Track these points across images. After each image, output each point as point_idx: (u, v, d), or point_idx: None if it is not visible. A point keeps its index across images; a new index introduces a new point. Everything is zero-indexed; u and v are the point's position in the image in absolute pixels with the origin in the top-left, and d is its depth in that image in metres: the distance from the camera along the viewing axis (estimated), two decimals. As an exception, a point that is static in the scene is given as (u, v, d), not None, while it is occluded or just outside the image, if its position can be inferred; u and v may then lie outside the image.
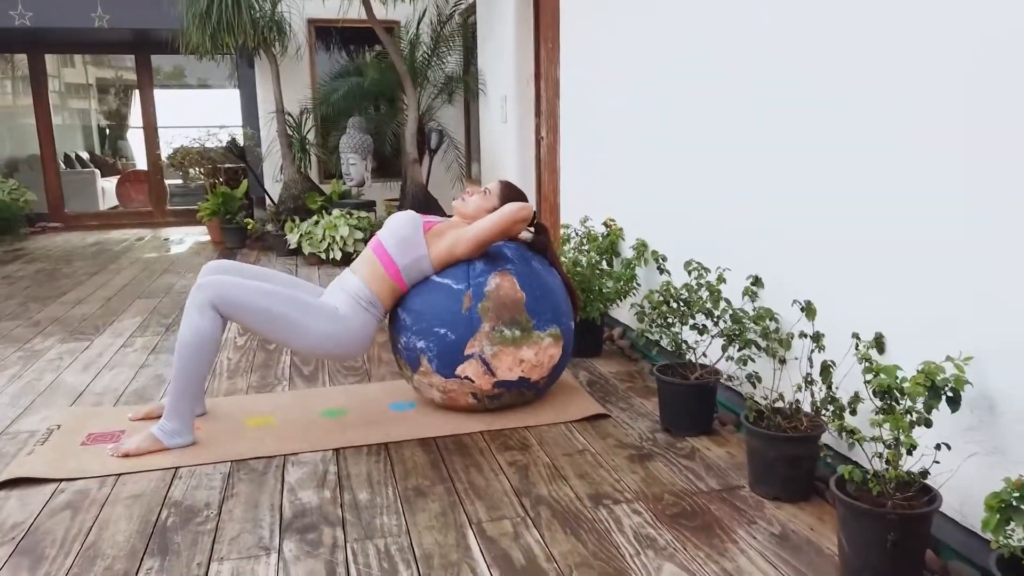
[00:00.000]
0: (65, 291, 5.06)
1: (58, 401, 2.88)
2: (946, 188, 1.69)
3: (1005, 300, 1.56)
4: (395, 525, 1.90)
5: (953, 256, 1.68)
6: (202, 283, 2.35)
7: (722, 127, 2.58)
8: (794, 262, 2.24)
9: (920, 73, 1.75)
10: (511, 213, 2.51)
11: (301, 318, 2.39)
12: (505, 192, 2.68)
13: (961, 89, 1.65)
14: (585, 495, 2.04)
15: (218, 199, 6.81)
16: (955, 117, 1.66)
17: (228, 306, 2.33)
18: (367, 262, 2.55)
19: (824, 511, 1.93)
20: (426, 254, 2.51)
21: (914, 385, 1.54)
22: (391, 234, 2.54)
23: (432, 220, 2.60)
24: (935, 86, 1.71)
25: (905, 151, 1.81)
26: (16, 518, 1.99)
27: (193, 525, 1.93)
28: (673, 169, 2.97)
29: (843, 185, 2.01)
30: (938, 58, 1.71)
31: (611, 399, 2.78)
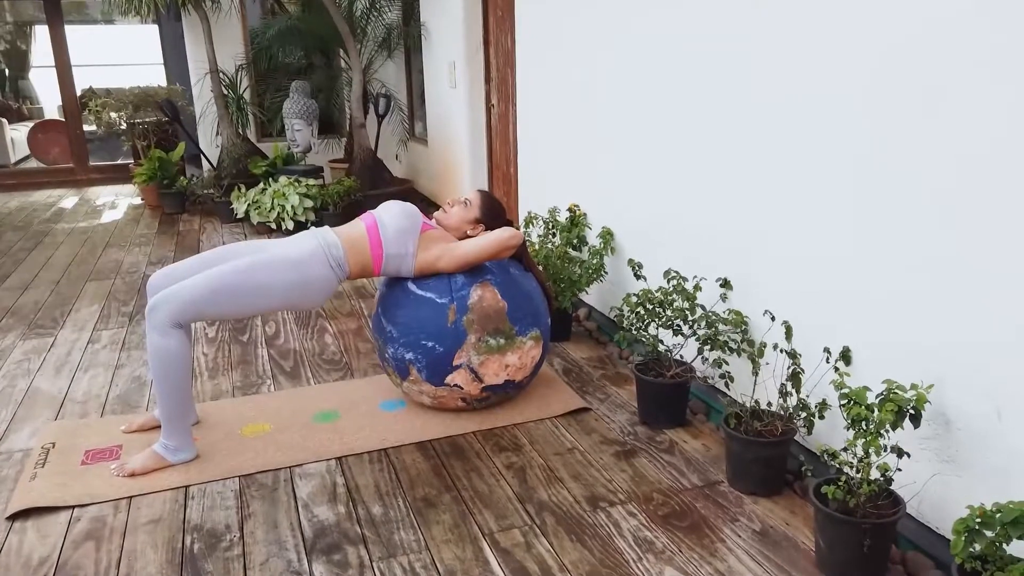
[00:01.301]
0: (6, 273, 4.90)
1: (40, 412, 2.88)
2: (921, 209, 1.88)
3: (962, 326, 1.78)
4: (414, 541, 2.06)
5: (917, 272, 1.89)
6: (152, 307, 2.33)
7: (692, 111, 2.71)
8: (761, 261, 2.43)
9: (896, 87, 1.92)
10: (503, 240, 2.60)
11: (260, 278, 2.38)
12: (486, 203, 2.77)
13: (943, 113, 1.82)
14: (583, 498, 2.24)
15: (154, 164, 6.58)
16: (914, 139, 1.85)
17: (186, 313, 2.33)
18: (354, 233, 2.57)
19: (794, 504, 2.18)
20: (413, 254, 2.59)
21: (884, 413, 1.76)
22: (390, 220, 2.58)
23: (430, 224, 2.66)
24: (912, 103, 1.89)
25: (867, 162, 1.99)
26: (40, 552, 2.05)
27: (220, 551, 2.03)
28: (639, 154, 3.10)
29: (811, 187, 2.19)
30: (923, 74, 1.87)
31: (588, 389, 2.97)
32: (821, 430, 2.20)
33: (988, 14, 1.64)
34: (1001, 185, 1.65)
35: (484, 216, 2.76)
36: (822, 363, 2.15)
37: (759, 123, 2.38)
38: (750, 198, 2.45)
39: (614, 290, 3.43)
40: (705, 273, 2.65)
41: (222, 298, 2.36)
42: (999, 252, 1.67)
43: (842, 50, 2.03)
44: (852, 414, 1.80)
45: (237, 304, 2.42)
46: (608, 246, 3.34)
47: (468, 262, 2.59)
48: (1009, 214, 1.64)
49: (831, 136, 2.10)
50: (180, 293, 2.33)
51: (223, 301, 2.37)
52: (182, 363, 2.35)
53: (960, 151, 1.74)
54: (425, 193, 6.59)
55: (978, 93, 1.68)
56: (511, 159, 5.09)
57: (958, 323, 1.79)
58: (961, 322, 1.78)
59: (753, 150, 2.41)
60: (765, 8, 2.29)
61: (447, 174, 5.97)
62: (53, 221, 6.55)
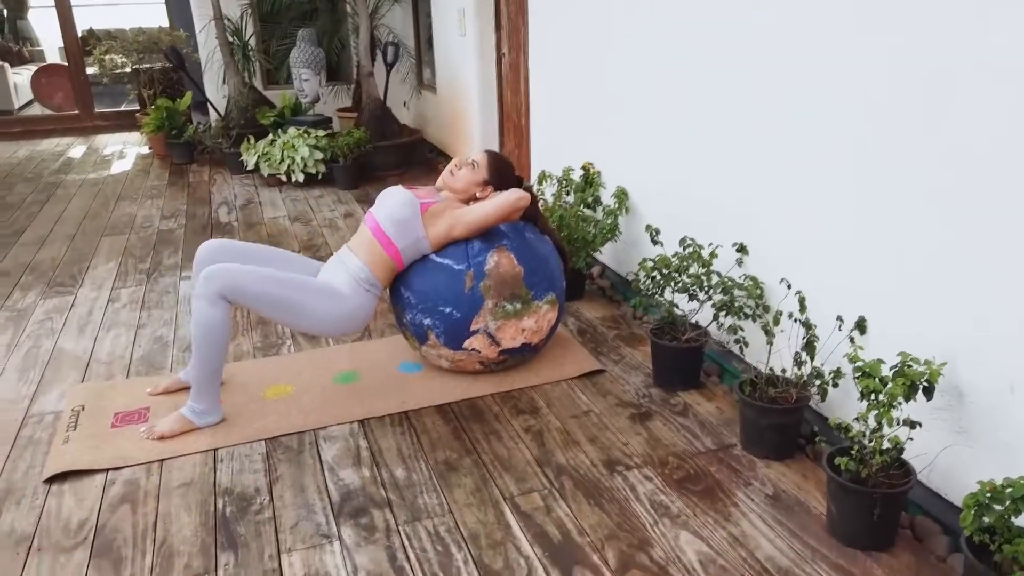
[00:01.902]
0: (21, 228, 4.93)
1: (67, 374, 2.94)
2: (943, 179, 1.89)
3: (981, 300, 1.81)
4: (437, 504, 2.13)
5: (930, 243, 1.91)
6: (210, 273, 2.39)
7: (711, 71, 2.67)
8: (778, 227, 2.44)
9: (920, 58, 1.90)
10: (511, 203, 2.60)
11: (305, 301, 2.48)
12: (493, 163, 2.76)
13: (963, 82, 1.81)
14: (600, 462, 2.30)
15: (161, 113, 6.53)
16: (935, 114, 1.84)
17: (236, 294, 2.41)
18: (366, 243, 2.62)
19: (806, 467, 2.24)
20: (424, 236, 2.61)
21: (897, 387, 1.79)
22: (387, 216, 2.60)
23: (428, 200, 2.65)
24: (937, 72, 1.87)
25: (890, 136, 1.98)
26: (79, 515, 2.13)
27: (251, 514, 2.12)
28: (656, 113, 3.07)
29: (833, 153, 2.19)
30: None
31: (602, 350, 3.02)
32: (835, 397, 2.24)
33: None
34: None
35: (492, 177, 2.75)
36: (837, 330, 2.18)
37: (779, 85, 2.35)
38: (768, 161, 2.45)
39: (628, 249, 3.44)
40: (721, 236, 2.66)
41: (270, 304, 2.45)
42: (1021, 227, 1.68)
43: (868, 12, 2.00)
44: (865, 387, 1.84)
45: (281, 315, 2.50)
46: (623, 206, 3.34)
47: (479, 227, 2.61)
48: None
49: (852, 101, 2.08)
50: (239, 276, 2.39)
51: (270, 307, 2.45)
52: (223, 334, 2.41)
53: (982, 118, 1.73)
54: (434, 142, 6.54)
55: (1002, 59, 1.66)
56: (522, 111, 5.04)
57: (976, 297, 1.81)
58: (979, 296, 1.80)
59: (773, 113, 2.39)
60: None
61: (456, 123, 5.91)
62: (63, 172, 6.54)
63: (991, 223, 1.74)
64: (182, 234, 4.69)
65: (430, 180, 5.88)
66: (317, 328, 2.58)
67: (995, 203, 1.73)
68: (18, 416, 2.65)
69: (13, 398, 2.78)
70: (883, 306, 2.08)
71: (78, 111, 9.02)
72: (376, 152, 5.72)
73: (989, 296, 1.77)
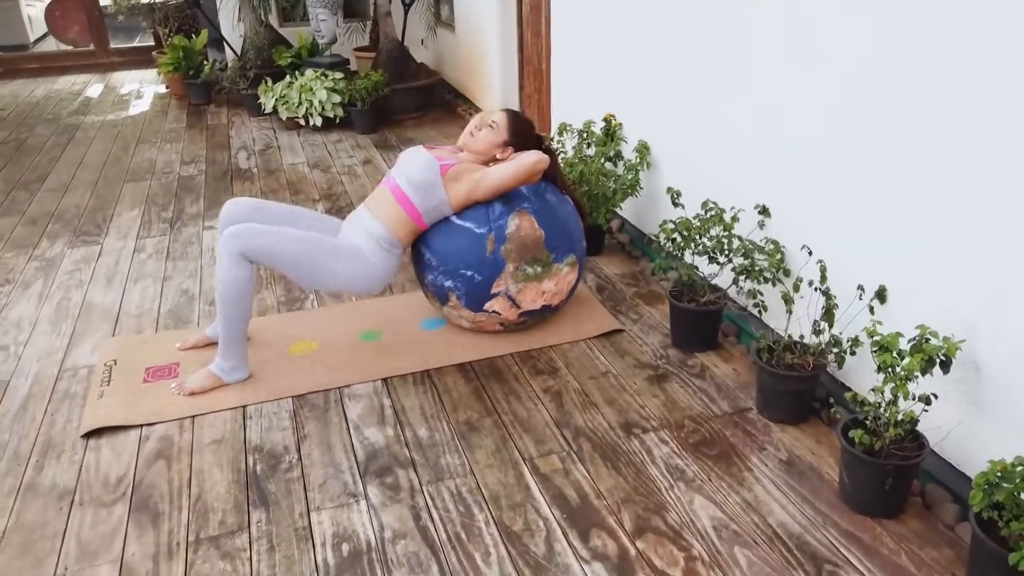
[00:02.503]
0: (44, 172, 4.97)
1: (98, 326, 3.02)
2: (970, 148, 1.87)
3: (1003, 274, 1.81)
4: (459, 465, 2.20)
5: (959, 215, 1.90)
6: (234, 232, 2.42)
7: (738, 22, 2.61)
8: (801, 189, 2.43)
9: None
10: (529, 165, 2.59)
11: (327, 261, 2.52)
12: (512, 123, 2.73)
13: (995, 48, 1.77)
14: (617, 424, 2.36)
15: (177, 53, 6.46)
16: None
17: (260, 254, 2.45)
18: (386, 204, 2.63)
19: (820, 432, 2.29)
20: (445, 199, 2.61)
21: (914, 362, 1.82)
22: (409, 180, 2.60)
23: (447, 161, 2.64)
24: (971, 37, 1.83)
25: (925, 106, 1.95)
26: (117, 470, 2.23)
27: (281, 472, 2.20)
28: (680, 67, 3.01)
29: (859, 113, 2.16)
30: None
31: (621, 308, 3.04)
32: (852, 363, 2.27)
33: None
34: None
35: (512, 138, 2.73)
36: (858, 297, 2.19)
37: (812, 40, 2.28)
38: (796, 121, 2.41)
39: (648, 204, 3.43)
40: (743, 196, 2.65)
41: (293, 264, 2.49)
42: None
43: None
44: (883, 361, 1.86)
45: (303, 274, 2.53)
46: (644, 161, 3.32)
47: (499, 190, 2.61)
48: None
49: (887, 61, 2.04)
50: (262, 235, 2.43)
51: (293, 267, 2.50)
52: (248, 292, 2.46)
53: (1016, 86, 1.70)
54: (452, 83, 6.45)
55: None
56: (543, 55, 4.94)
57: (998, 270, 1.81)
58: (1002, 270, 1.80)
59: (802, 70, 2.34)
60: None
61: (475, 65, 5.82)
62: (81, 113, 6.53)
63: (1019, 197, 1.73)
64: (203, 181, 4.71)
65: (449, 122, 5.85)
66: (339, 287, 2.62)
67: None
68: (54, 369, 2.74)
69: (48, 350, 2.87)
70: (905, 275, 2.08)
71: (93, 47, 8.94)
72: (394, 95, 5.66)
73: (1012, 270, 1.77)
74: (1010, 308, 1.79)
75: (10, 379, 2.69)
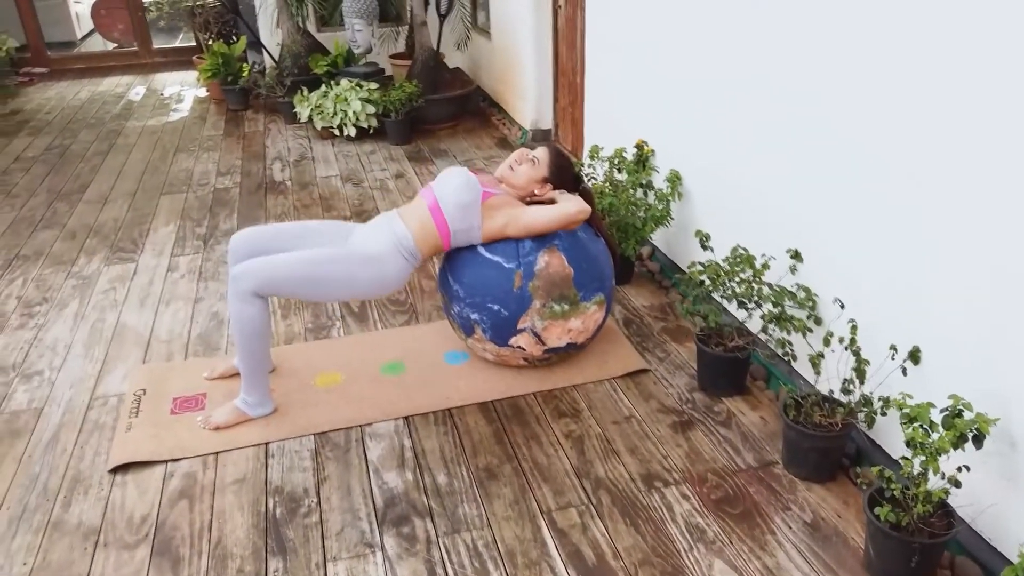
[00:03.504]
0: (85, 182, 5.07)
1: (130, 352, 3.07)
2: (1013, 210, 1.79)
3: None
4: (476, 516, 2.19)
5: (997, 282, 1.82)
6: (237, 275, 2.41)
7: (781, 61, 2.52)
8: (836, 237, 2.35)
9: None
10: (571, 215, 2.56)
11: (338, 273, 2.48)
12: (554, 161, 2.70)
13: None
14: (638, 476, 2.32)
15: (216, 59, 6.54)
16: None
17: (267, 287, 2.43)
18: (418, 216, 2.59)
19: (847, 492, 2.23)
20: (478, 225, 2.58)
21: (943, 441, 1.75)
22: (447, 197, 2.56)
23: (490, 190, 2.60)
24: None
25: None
26: (141, 509, 2.27)
27: (299, 517, 2.21)
28: (719, 98, 2.93)
29: (905, 164, 2.08)
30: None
31: (647, 345, 3.00)
32: (883, 421, 2.20)
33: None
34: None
35: (552, 176, 2.70)
36: (889, 354, 2.12)
37: (863, 79, 2.17)
38: (837, 166, 2.31)
39: (679, 234, 3.37)
40: (775, 238, 2.58)
41: (302, 286, 2.47)
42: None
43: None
44: (911, 438, 1.79)
45: (316, 293, 2.52)
46: (675, 191, 3.25)
47: (536, 231, 2.58)
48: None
49: (949, 109, 1.95)
50: (265, 269, 2.42)
51: (303, 289, 2.48)
52: (262, 328, 2.47)
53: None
54: (487, 91, 6.41)
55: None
56: (577, 68, 4.88)
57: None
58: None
59: (850, 113, 2.24)
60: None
61: (510, 74, 5.77)
62: (124, 117, 6.65)
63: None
64: (237, 194, 4.76)
65: (482, 132, 5.83)
66: (353, 295, 2.60)
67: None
68: (85, 397, 2.79)
69: (81, 376, 2.92)
70: (941, 337, 2.00)
71: (137, 47, 9.10)
72: (428, 105, 5.65)
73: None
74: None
75: (43, 406, 2.75)
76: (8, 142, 6.03)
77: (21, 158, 5.63)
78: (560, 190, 2.73)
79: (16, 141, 6.05)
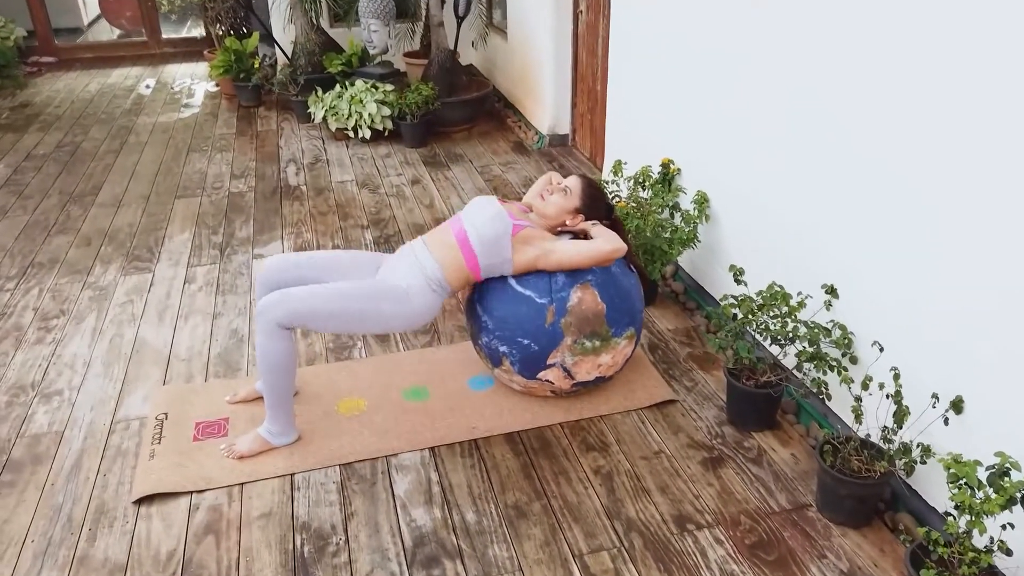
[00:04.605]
0: (98, 183, 5.02)
1: (149, 372, 3.04)
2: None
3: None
4: (507, 558, 2.16)
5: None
6: (263, 308, 2.38)
7: (818, 83, 2.46)
8: (874, 275, 2.31)
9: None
10: (606, 253, 2.51)
11: (367, 308, 2.44)
12: (586, 192, 2.65)
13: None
14: (670, 517, 2.29)
15: (228, 56, 6.46)
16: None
17: (294, 319, 2.39)
18: (447, 248, 2.55)
19: (883, 539, 2.20)
20: (509, 259, 2.54)
21: (992, 504, 1.72)
22: (477, 230, 2.52)
23: (520, 222, 2.56)
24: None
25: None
26: (168, 544, 2.24)
27: (328, 556, 2.19)
28: (750, 118, 2.87)
29: (955, 203, 2.04)
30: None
31: (674, 373, 2.96)
32: (920, 468, 2.17)
33: None
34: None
35: (585, 207, 2.65)
36: (932, 407, 2.08)
37: (909, 105, 2.10)
38: (878, 200, 2.26)
39: (705, 255, 3.32)
40: (809, 271, 2.54)
41: (330, 320, 2.43)
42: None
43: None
44: (959, 501, 1.76)
45: (344, 327, 2.49)
46: (703, 214, 3.20)
47: (569, 267, 2.53)
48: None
49: (993, 143, 1.90)
50: (290, 302, 2.38)
51: (330, 323, 2.45)
52: (288, 363, 2.43)
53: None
54: (503, 92, 6.34)
55: None
56: (598, 75, 4.82)
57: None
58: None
59: (885, 143, 2.20)
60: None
61: (527, 76, 5.70)
62: (135, 113, 6.59)
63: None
64: (252, 199, 4.71)
65: (498, 135, 5.76)
66: (382, 330, 2.55)
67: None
68: (107, 420, 2.76)
69: (101, 397, 2.89)
70: (984, 386, 1.96)
71: (146, 36, 9.02)
72: (444, 107, 5.58)
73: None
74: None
75: (64, 430, 2.72)
76: (19, 138, 5.98)
77: (32, 155, 5.58)
78: (592, 221, 2.68)
79: (27, 137, 5.99)
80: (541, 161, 5.24)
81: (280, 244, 4.09)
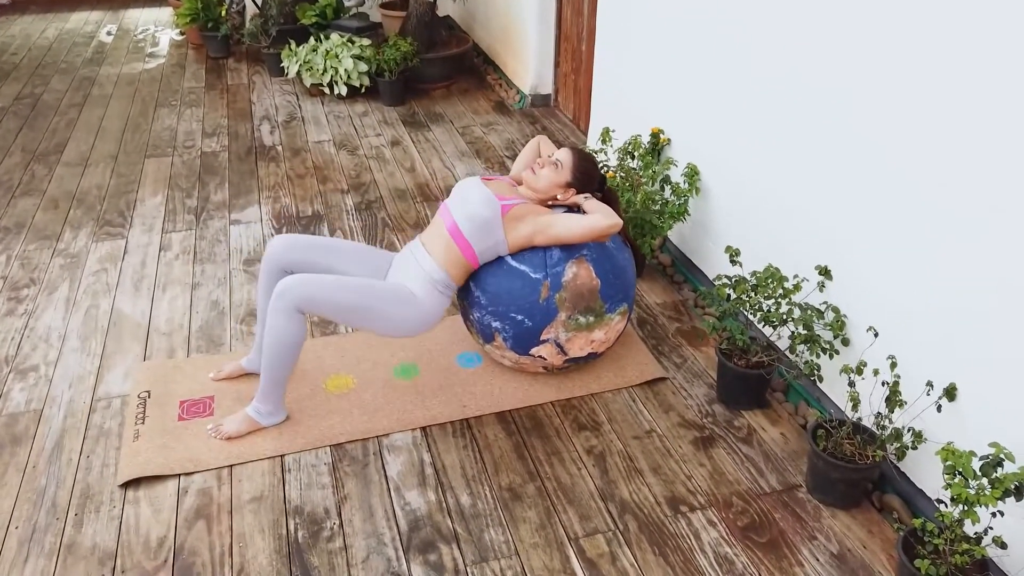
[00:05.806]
0: (62, 140, 4.82)
1: (128, 346, 2.95)
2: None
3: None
4: (503, 543, 2.17)
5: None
6: (281, 290, 2.33)
7: (827, 52, 2.42)
8: (870, 257, 2.31)
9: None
10: (602, 229, 2.46)
11: (376, 307, 2.43)
12: (578, 165, 2.59)
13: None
14: (663, 499, 2.31)
15: (195, 3, 6.18)
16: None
17: (309, 305, 2.36)
18: (442, 242, 2.51)
19: (873, 521, 2.24)
20: (503, 239, 2.49)
21: (988, 497, 1.75)
22: (467, 218, 2.48)
23: (509, 200, 2.51)
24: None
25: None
26: (157, 531, 2.20)
27: (322, 541, 2.17)
28: (745, 87, 2.82)
29: (954, 185, 2.03)
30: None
31: (663, 349, 2.96)
32: (913, 454, 2.20)
33: None
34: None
35: (576, 181, 2.60)
36: (926, 395, 2.11)
37: (898, 86, 2.09)
38: (869, 186, 2.26)
39: (695, 228, 3.30)
40: (802, 250, 2.53)
41: (346, 313, 2.41)
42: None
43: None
44: (956, 494, 1.79)
45: (357, 322, 2.46)
46: (694, 187, 3.17)
47: (564, 242, 2.49)
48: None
49: (991, 122, 1.89)
50: (310, 288, 2.34)
51: (345, 315, 2.42)
52: (298, 345, 2.39)
53: None
54: (483, 47, 6.18)
55: None
56: (583, 35, 4.71)
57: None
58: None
59: (882, 119, 2.17)
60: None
61: (509, 33, 5.55)
62: (96, 63, 6.30)
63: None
64: (226, 159, 4.56)
65: (478, 93, 5.62)
66: (389, 332, 2.52)
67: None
68: (87, 398, 2.69)
69: (80, 373, 2.81)
70: (979, 372, 1.98)
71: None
72: (423, 64, 5.43)
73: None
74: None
75: (43, 408, 2.65)
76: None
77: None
78: (584, 194, 2.63)
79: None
80: (523, 122, 5.14)
81: (258, 209, 3.98)
